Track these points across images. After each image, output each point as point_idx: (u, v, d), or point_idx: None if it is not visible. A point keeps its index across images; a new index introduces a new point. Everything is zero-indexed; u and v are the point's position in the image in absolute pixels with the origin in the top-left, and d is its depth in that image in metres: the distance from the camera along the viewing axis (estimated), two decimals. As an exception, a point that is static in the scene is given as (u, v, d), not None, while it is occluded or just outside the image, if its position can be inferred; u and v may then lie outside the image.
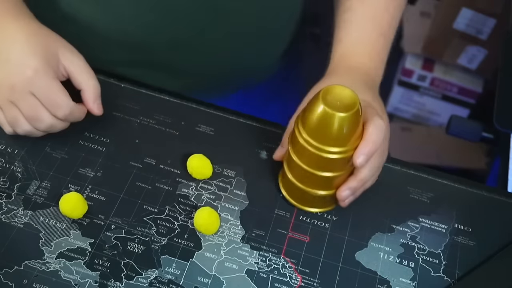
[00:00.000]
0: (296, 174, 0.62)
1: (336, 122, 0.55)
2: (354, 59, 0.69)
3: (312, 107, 0.57)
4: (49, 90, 0.63)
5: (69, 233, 0.61)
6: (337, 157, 0.58)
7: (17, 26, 0.64)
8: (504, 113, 1.08)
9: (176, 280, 0.59)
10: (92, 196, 0.64)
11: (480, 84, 1.59)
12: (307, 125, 0.58)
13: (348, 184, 0.61)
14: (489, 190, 0.70)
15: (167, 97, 0.74)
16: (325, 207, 0.65)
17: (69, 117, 0.64)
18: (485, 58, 1.54)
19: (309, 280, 0.61)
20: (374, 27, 0.71)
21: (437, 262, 0.63)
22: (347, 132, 0.57)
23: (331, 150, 0.57)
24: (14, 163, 0.66)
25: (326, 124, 0.56)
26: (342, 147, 0.57)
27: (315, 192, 0.62)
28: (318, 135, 0.57)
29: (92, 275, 0.58)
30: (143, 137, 0.70)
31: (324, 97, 0.56)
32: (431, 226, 0.66)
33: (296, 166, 0.61)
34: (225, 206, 0.65)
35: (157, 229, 0.62)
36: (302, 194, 0.63)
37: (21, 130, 0.64)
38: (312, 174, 0.60)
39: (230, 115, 0.73)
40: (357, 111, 0.56)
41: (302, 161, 0.60)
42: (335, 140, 0.57)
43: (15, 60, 0.63)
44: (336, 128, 0.56)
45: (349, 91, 0.56)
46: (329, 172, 0.60)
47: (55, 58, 0.64)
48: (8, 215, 0.61)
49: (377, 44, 0.71)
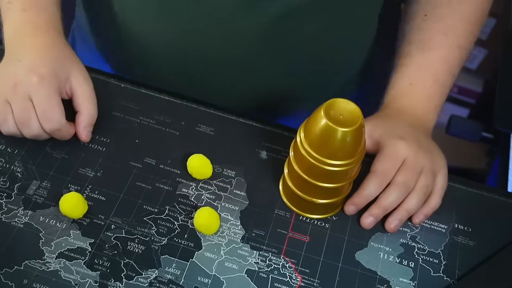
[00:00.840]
0: (296, 183, 0.63)
1: (338, 136, 0.55)
2: (404, 102, 0.69)
3: (315, 120, 0.56)
4: (47, 101, 0.63)
5: (69, 233, 0.61)
6: (337, 169, 0.58)
7: (42, 36, 0.67)
8: (504, 113, 1.08)
9: (176, 280, 0.59)
10: (92, 196, 0.64)
11: (480, 84, 1.59)
12: (309, 136, 0.57)
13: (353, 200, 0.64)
14: (489, 190, 0.70)
15: (167, 97, 0.74)
16: (324, 214, 0.65)
17: (55, 133, 0.65)
18: (485, 58, 1.54)
19: (309, 280, 0.61)
20: (429, 74, 0.70)
21: (437, 262, 0.63)
22: (348, 146, 0.56)
23: (332, 163, 0.57)
24: (14, 163, 0.66)
25: (328, 138, 0.56)
26: (343, 161, 0.57)
27: (314, 200, 0.62)
28: (320, 147, 0.57)
29: (92, 275, 0.58)
30: (143, 137, 0.70)
31: (326, 111, 0.55)
32: (431, 226, 0.66)
33: (296, 175, 0.61)
34: (225, 206, 0.65)
35: (157, 229, 0.62)
36: (302, 201, 0.63)
37: (6, 129, 0.65)
38: (312, 184, 0.60)
39: (230, 115, 0.73)
40: (359, 126, 0.55)
41: (303, 170, 0.60)
42: (337, 153, 0.57)
43: (26, 63, 0.64)
44: (338, 142, 0.56)
45: (353, 105, 0.56)
46: (329, 184, 0.60)
47: (65, 76, 0.66)
48: (8, 215, 0.61)
49: (431, 89, 0.70)
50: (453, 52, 0.72)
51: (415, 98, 0.69)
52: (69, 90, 0.66)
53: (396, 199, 0.63)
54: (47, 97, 0.63)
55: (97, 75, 0.73)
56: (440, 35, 0.71)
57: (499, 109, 1.08)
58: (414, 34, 0.72)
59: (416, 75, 0.70)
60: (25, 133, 0.64)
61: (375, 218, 0.64)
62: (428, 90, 0.70)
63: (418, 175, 0.63)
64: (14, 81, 0.63)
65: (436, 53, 0.71)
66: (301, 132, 0.59)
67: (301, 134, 0.59)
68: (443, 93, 0.71)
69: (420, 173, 0.63)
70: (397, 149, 0.63)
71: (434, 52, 0.71)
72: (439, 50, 0.71)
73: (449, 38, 0.71)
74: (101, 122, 0.69)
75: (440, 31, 0.71)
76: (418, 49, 0.71)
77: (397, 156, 0.63)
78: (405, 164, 0.63)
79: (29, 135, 0.64)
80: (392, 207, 0.63)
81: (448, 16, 0.72)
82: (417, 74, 0.70)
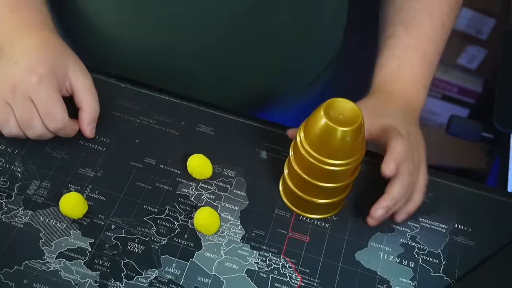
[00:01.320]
0: (296, 183, 0.63)
1: (338, 136, 0.55)
2: (394, 85, 0.69)
3: (315, 120, 0.56)
4: (49, 101, 0.63)
5: (69, 233, 0.61)
6: (338, 169, 0.58)
7: (35, 35, 0.66)
8: (504, 113, 1.08)
9: (176, 280, 0.59)
10: (92, 196, 0.64)
11: (480, 84, 1.59)
12: (309, 136, 0.57)
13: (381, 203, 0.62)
14: (489, 190, 0.70)
15: (167, 97, 0.74)
16: (324, 214, 0.65)
17: (60, 131, 0.65)
18: (485, 58, 1.54)
19: (309, 280, 0.61)
20: (416, 54, 0.71)
21: (437, 262, 0.63)
22: (348, 146, 0.56)
23: (332, 162, 0.57)
24: (14, 163, 0.66)
25: (327, 137, 0.56)
26: (343, 160, 0.57)
27: (314, 200, 0.62)
28: (320, 147, 0.57)
29: (92, 275, 0.58)
30: (143, 137, 0.70)
31: (326, 110, 0.55)
32: (431, 226, 0.66)
33: (296, 175, 0.61)
34: (225, 206, 0.65)
35: (157, 229, 0.62)
36: (302, 201, 0.63)
37: (7, 131, 0.64)
38: (312, 184, 0.60)
39: (230, 115, 0.73)
40: (359, 125, 0.55)
41: (303, 170, 0.60)
42: (336, 153, 0.57)
43: (24, 64, 0.63)
44: (337, 142, 0.55)
45: (352, 104, 0.56)
46: (329, 183, 0.60)
47: (64, 72, 0.65)
48: (8, 215, 0.61)
49: (419, 70, 0.70)
50: (437, 31, 0.72)
51: (404, 80, 0.70)
52: (69, 87, 0.66)
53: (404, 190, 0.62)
54: (48, 97, 0.63)
55: (98, 75, 0.73)
56: (423, 14, 0.72)
57: (499, 109, 1.09)
58: (397, 15, 0.73)
59: (404, 56, 0.71)
60: (29, 134, 0.64)
61: (385, 210, 0.62)
62: (416, 70, 0.70)
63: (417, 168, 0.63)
64: (13, 82, 0.62)
65: (421, 32, 0.72)
66: (301, 132, 0.59)
67: (301, 134, 0.59)
68: (430, 72, 0.72)
69: None
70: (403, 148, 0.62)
71: (419, 32, 0.71)
72: (424, 30, 0.72)
73: (432, 17, 0.72)
74: (101, 122, 0.69)
75: (423, 10, 0.72)
76: (403, 29, 0.72)
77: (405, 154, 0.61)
78: None
79: (33, 136, 0.64)
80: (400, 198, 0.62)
81: None
82: (404, 54, 0.71)
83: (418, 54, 0.71)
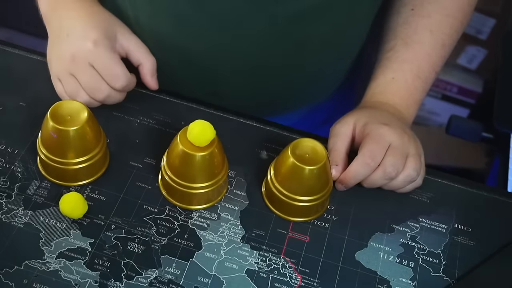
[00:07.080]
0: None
1: (304, 174, 0.60)
2: (385, 97, 0.70)
3: (282, 159, 0.61)
4: (108, 62, 0.66)
5: (69, 233, 0.61)
6: (306, 205, 0.62)
7: (80, 6, 0.69)
8: (504, 113, 1.08)
9: (176, 280, 0.59)
10: (92, 196, 0.64)
11: (480, 84, 1.59)
12: (278, 175, 0.62)
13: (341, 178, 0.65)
14: (489, 190, 0.70)
15: (167, 97, 0.74)
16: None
17: (125, 88, 0.68)
18: (485, 58, 1.54)
19: (309, 280, 0.61)
20: (411, 69, 0.71)
21: (437, 262, 0.63)
22: (315, 183, 0.61)
23: (300, 198, 0.62)
24: (14, 163, 0.66)
25: (295, 176, 0.61)
26: (310, 196, 0.62)
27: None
28: (289, 185, 0.62)
29: (92, 275, 0.58)
30: (143, 137, 0.70)
31: (293, 150, 0.60)
32: (431, 226, 0.66)
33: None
34: (225, 206, 0.65)
35: (157, 229, 0.62)
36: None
37: (81, 101, 0.66)
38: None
39: (230, 115, 0.73)
40: (324, 164, 0.60)
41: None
42: (304, 190, 0.61)
43: (76, 34, 0.66)
44: (305, 180, 0.61)
45: (318, 144, 0.61)
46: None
47: (114, 36, 0.68)
48: (8, 215, 0.61)
49: (412, 85, 0.71)
50: (437, 50, 0.73)
51: (396, 93, 0.70)
52: (121, 49, 0.69)
53: (383, 181, 0.64)
54: (108, 58, 0.66)
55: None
56: (425, 31, 0.72)
57: (499, 109, 1.08)
58: (400, 28, 0.73)
59: (399, 69, 0.71)
60: (98, 98, 0.67)
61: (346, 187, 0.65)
62: (409, 84, 0.71)
63: (405, 159, 0.64)
64: (70, 53, 0.65)
65: (420, 49, 0.72)
66: (271, 170, 0.64)
67: (271, 172, 0.63)
68: (424, 89, 0.73)
69: (407, 156, 0.64)
70: (382, 133, 0.63)
71: (418, 48, 0.72)
72: (423, 46, 0.72)
73: (434, 35, 0.72)
74: (101, 122, 0.69)
75: (426, 27, 0.72)
76: (403, 44, 0.72)
77: (382, 139, 0.63)
78: (391, 148, 0.63)
79: (103, 99, 0.67)
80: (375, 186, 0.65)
81: (435, 11, 0.72)
82: (400, 68, 0.71)
83: (413, 70, 0.71)
